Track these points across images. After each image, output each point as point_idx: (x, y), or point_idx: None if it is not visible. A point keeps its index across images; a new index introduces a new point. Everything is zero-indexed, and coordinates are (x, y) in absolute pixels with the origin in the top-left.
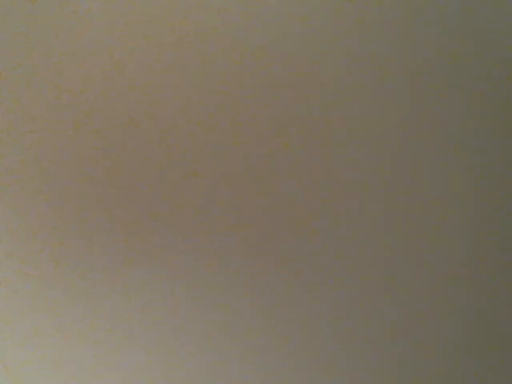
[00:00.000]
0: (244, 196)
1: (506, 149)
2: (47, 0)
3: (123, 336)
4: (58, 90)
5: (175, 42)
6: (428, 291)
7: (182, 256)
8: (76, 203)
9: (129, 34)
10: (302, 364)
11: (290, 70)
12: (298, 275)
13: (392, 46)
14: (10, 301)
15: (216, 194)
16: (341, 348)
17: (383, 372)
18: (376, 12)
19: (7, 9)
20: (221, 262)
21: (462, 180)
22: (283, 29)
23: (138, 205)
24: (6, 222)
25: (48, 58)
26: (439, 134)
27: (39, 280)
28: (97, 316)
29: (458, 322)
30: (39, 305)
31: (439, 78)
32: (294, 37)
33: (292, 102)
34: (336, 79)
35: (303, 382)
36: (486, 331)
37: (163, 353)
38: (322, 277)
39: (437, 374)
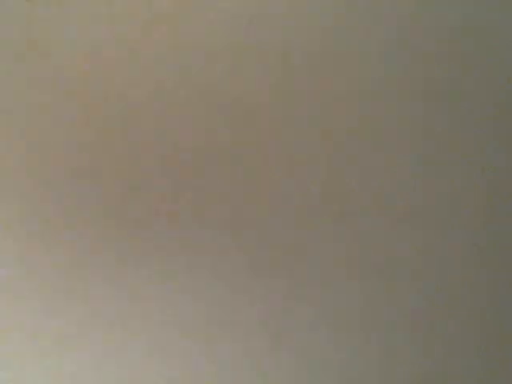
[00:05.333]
0: (244, 195)
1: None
2: (47, 0)
3: (123, 337)
4: (58, 90)
5: (176, 42)
6: (430, 292)
7: (182, 256)
8: (76, 203)
9: (129, 33)
10: (303, 364)
11: (289, 70)
12: (298, 273)
13: (394, 45)
14: (10, 301)
15: (216, 193)
16: (340, 349)
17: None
18: (378, 12)
19: (7, 9)
20: (221, 261)
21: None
22: (284, 29)
23: (139, 205)
24: (5, 221)
25: (48, 57)
26: (440, 134)
27: (39, 280)
28: (96, 317)
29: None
30: (39, 306)
31: (441, 78)
32: (295, 36)
33: (292, 101)
34: (336, 79)
35: (303, 381)
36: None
37: (163, 353)
38: (324, 277)
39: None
